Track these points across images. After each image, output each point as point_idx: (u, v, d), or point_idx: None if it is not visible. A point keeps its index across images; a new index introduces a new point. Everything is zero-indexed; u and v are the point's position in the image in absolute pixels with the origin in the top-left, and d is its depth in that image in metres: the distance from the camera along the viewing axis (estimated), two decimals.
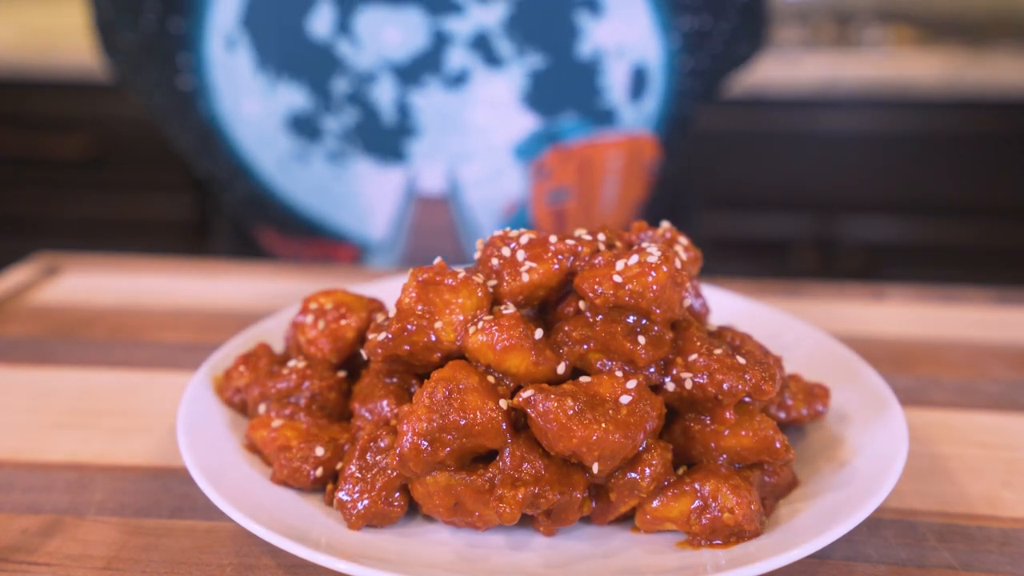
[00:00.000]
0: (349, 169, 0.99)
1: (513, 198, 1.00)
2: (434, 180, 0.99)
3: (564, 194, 1.01)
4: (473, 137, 0.97)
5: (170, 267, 1.03)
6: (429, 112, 0.95)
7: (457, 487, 0.51)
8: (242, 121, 0.99)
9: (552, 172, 0.99)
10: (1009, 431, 0.70)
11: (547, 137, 0.97)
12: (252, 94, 0.96)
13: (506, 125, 0.96)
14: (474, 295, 0.55)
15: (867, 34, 2.29)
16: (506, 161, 0.98)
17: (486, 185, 1.00)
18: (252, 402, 0.62)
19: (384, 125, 0.95)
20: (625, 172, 1.03)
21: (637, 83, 0.97)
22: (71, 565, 0.54)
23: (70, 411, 0.72)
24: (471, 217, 1.02)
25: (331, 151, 0.98)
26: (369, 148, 0.97)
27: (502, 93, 0.94)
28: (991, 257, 2.13)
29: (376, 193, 1.00)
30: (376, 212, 1.02)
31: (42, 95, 2.18)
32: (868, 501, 0.51)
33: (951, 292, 0.96)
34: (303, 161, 0.99)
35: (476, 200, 1.01)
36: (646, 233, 0.62)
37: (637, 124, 1.00)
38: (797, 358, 0.69)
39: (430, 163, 0.98)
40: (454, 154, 0.98)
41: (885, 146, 2.10)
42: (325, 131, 0.96)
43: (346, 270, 1.01)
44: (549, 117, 0.96)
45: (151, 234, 2.26)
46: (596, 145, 0.99)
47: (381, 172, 0.99)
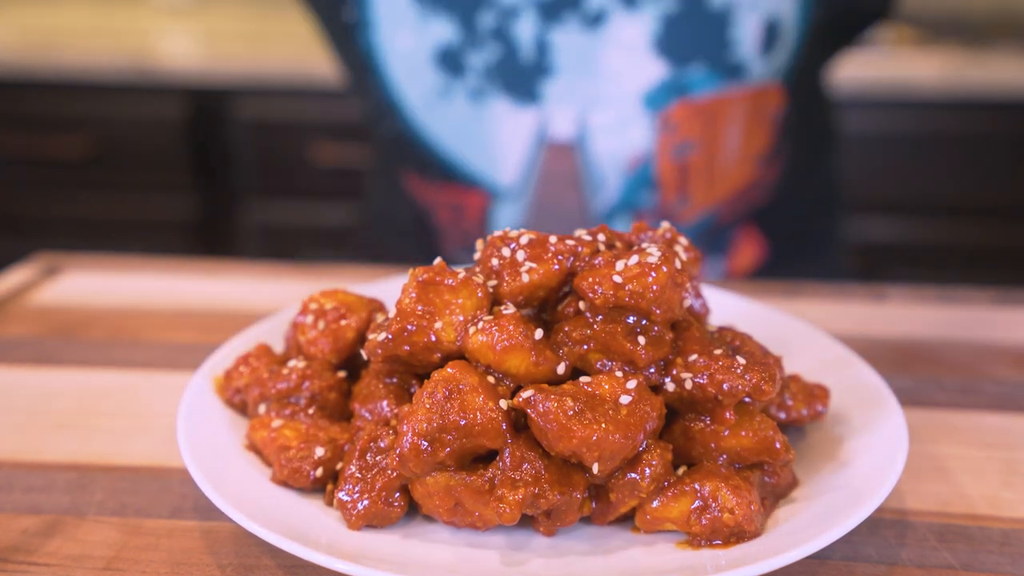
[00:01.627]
0: (487, 108, 1.02)
1: (639, 150, 1.02)
2: (564, 125, 1.02)
3: (689, 147, 1.02)
4: (605, 81, 0.99)
5: (170, 267, 1.03)
6: (566, 51, 0.98)
7: (457, 487, 0.51)
8: (395, 54, 1.03)
9: (678, 126, 1.01)
10: (1009, 431, 0.70)
11: (676, 88, 0.99)
12: (406, 27, 1.01)
13: (637, 71, 0.98)
14: (474, 295, 0.55)
15: (867, 34, 2.29)
16: (635, 110, 1.00)
17: (614, 134, 1.02)
18: (252, 402, 0.62)
19: (522, 62, 0.99)
20: (748, 122, 1.04)
21: (769, 36, 0.97)
22: (71, 565, 0.54)
23: (70, 411, 0.72)
24: (597, 167, 1.04)
25: (472, 88, 1.02)
26: (507, 86, 1.00)
27: (636, 36, 0.96)
28: (991, 257, 2.13)
29: (510, 135, 1.04)
30: (508, 156, 1.05)
31: (42, 95, 2.18)
32: (868, 501, 0.51)
33: (951, 292, 0.96)
34: (446, 98, 1.03)
35: (603, 149, 1.03)
36: (646, 233, 0.62)
37: (766, 76, 1.01)
38: (797, 358, 0.69)
39: (562, 106, 1.01)
40: (586, 98, 1.00)
41: (885, 146, 2.10)
42: (468, 67, 1.00)
43: (346, 270, 1.01)
44: (679, 67, 0.97)
45: (151, 234, 2.26)
46: (723, 99, 1.00)
47: (516, 112, 1.02)
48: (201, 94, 2.16)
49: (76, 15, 2.59)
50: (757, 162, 1.09)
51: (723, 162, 1.06)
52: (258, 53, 2.15)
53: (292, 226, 2.26)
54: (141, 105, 2.17)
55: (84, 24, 2.47)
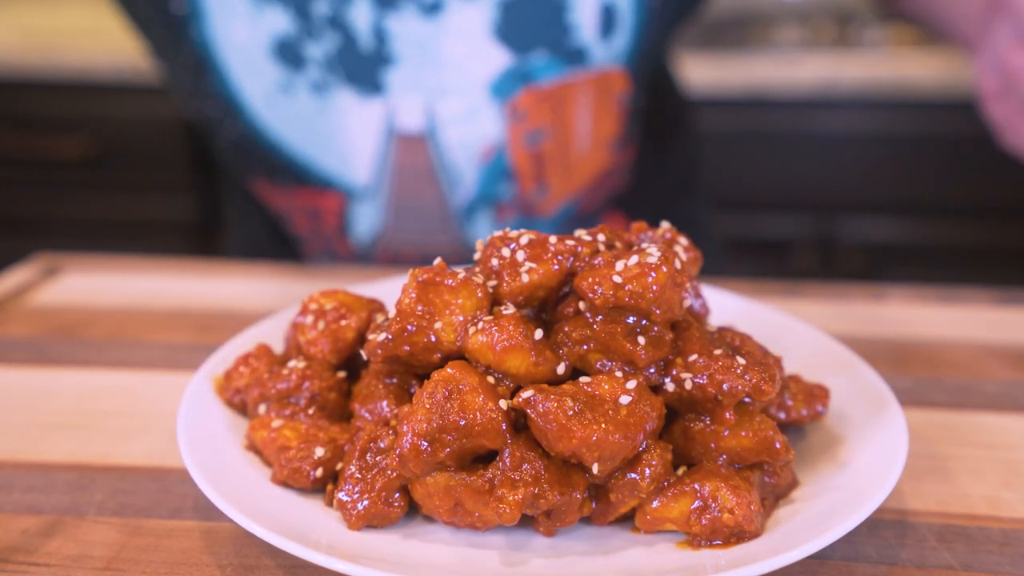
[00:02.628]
0: (331, 101, 1.00)
1: (491, 140, 1.01)
2: (413, 116, 1.00)
3: (540, 135, 1.01)
4: (449, 70, 0.98)
5: (170, 267, 1.03)
6: (405, 39, 0.96)
7: (457, 488, 0.52)
8: (232, 48, 1.00)
9: (527, 114, 1.00)
10: (1009, 431, 0.70)
11: (520, 76, 0.98)
12: (240, 17, 0.97)
13: (481, 59, 0.97)
14: (474, 296, 0.55)
15: (867, 34, 2.29)
16: (483, 99, 0.99)
17: (464, 124, 1.00)
18: (252, 402, 0.62)
19: (362, 52, 0.96)
20: (596, 107, 1.04)
21: (606, 20, 0.97)
22: (71, 566, 0.54)
23: (70, 411, 0.72)
24: (451, 159, 1.02)
25: (314, 81, 0.99)
26: (350, 77, 0.98)
27: (475, 24, 0.95)
28: (991, 257, 2.13)
29: (358, 129, 1.01)
30: (359, 152, 1.03)
31: (42, 95, 2.18)
32: (868, 501, 0.51)
33: (951, 292, 0.96)
34: (288, 93, 1.00)
35: (455, 139, 1.01)
36: (646, 233, 0.62)
37: (607, 60, 1.01)
38: (797, 358, 0.69)
39: (408, 96, 0.99)
40: (431, 88, 0.99)
41: (885, 146, 2.10)
42: (308, 59, 0.98)
43: (346, 270, 1.01)
44: (521, 54, 0.97)
45: (151, 234, 2.26)
46: (568, 84, 1.00)
47: (362, 104, 0.99)
48: None
49: (76, 15, 2.59)
50: (610, 147, 1.08)
51: (576, 149, 1.05)
52: None
53: None
54: (141, 105, 2.17)
55: (84, 24, 2.47)
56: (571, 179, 1.07)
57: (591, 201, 1.10)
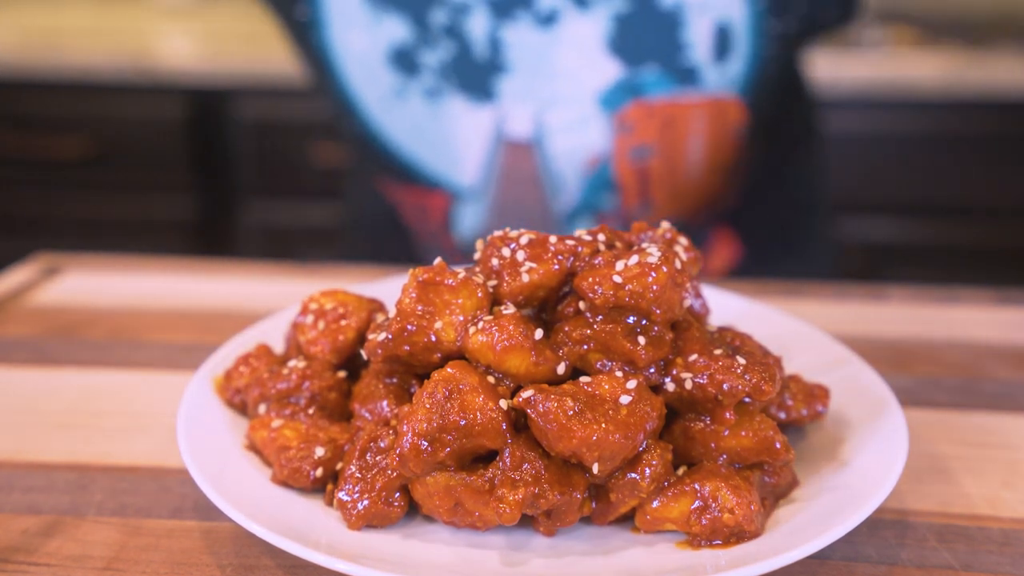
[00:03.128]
0: (443, 107, 1.02)
1: (596, 150, 1.02)
2: (522, 124, 1.02)
3: (647, 151, 1.01)
4: (560, 81, 0.99)
5: (170, 267, 1.03)
6: (519, 49, 0.98)
7: (457, 487, 0.51)
8: (350, 55, 1.03)
9: (634, 127, 1.00)
10: (1009, 431, 0.70)
11: (630, 89, 0.98)
12: (359, 26, 1.01)
13: (592, 71, 0.98)
14: (474, 295, 0.55)
15: (867, 34, 2.29)
16: (591, 110, 1.00)
17: (571, 133, 1.02)
18: (252, 402, 0.62)
19: (476, 60, 0.98)
20: (709, 134, 1.03)
21: (721, 42, 0.97)
22: (71, 565, 0.54)
23: (70, 411, 0.72)
24: (556, 167, 1.03)
25: (428, 87, 1.01)
26: (463, 84, 1.00)
27: (589, 35, 0.96)
28: (991, 257, 2.13)
29: (468, 134, 1.04)
30: (467, 156, 1.05)
31: (42, 95, 2.18)
32: (868, 501, 0.51)
33: (951, 292, 0.96)
34: (402, 98, 1.03)
35: (561, 148, 1.02)
36: (646, 233, 0.62)
37: (721, 87, 1.00)
38: (797, 358, 0.69)
39: (519, 105, 1.01)
40: (542, 98, 1.00)
41: (885, 146, 2.10)
42: (423, 66, 1.00)
43: (346, 270, 1.01)
44: (632, 67, 0.97)
45: (151, 234, 2.26)
46: (679, 104, 1.00)
47: (472, 111, 1.02)
48: (201, 94, 2.16)
49: (76, 15, 2.59)
50: (722, 174, 1.07)
51: (686, 172, 1.05)
52: (258, 53, 2.15)
53: (292, 226, 2.25)
54: (141, 105, 2.17)
55: (84, 24, 2.47)
56: (677, 200, 1.06)
57: (699, 219, 1.10)
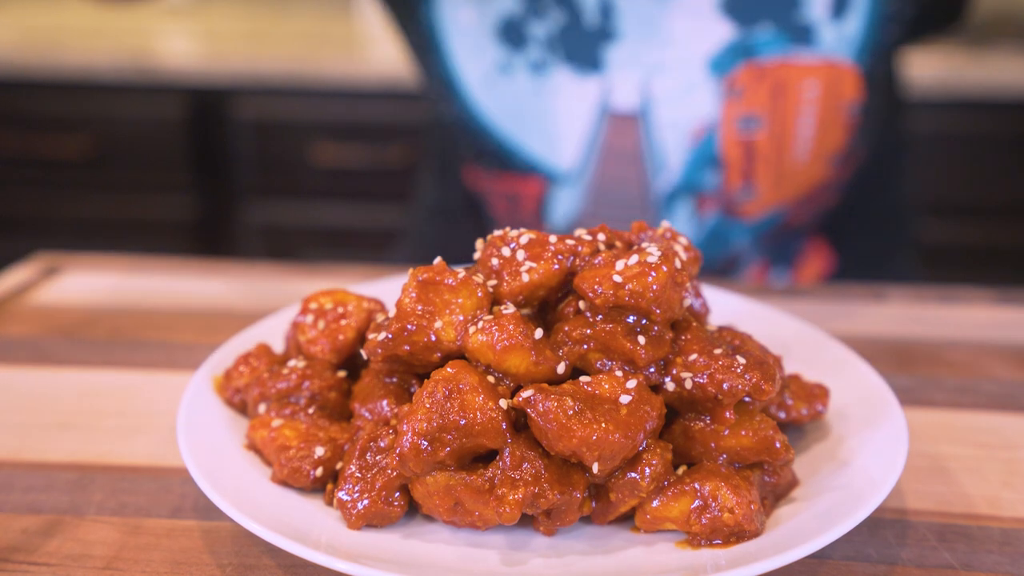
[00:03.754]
0: (548, 80, 1.01)
1: (703, 119, 1.00)
2: (628, 94, 1.00)
3: (755, 122, 0.99)
4: (669, 47, 0.97)
5: (170, 267, 1.03)
6: (630, 15, 0.96)
7: (457, 487, 0.51)
8: (458, 30, 1.02)
9: (744, 91, 0.98)
10: (1009, 431, 0.70)
11: (742, 50, 0.96)
12: (468, 1, 1.00)
13: (703, 34, 0.96)
14: (474, 295, 0.55)
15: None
16: (700, 75, 0.98)
17: (678, 101, 0.99)
18: (252, 402, 0.62)
19: (586, 28, 0.97)
20: (822, 106, 1.00)
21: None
22: (71, 565, 0.54)
23: (70, 411, 0.72)
24: (660, 139, 1.01)
25: (534, 61, 1.00)
26: (570, 55, 0.99)
27: None
28: (991, 257, 2.13)
29: (571, 110, 1.02)
30: (568, 134, 1.03)
31: (42, 95, 2.18)
32: (868, 501, 0.51)
33: (951, 292, 0.96)
34: (507, 73, 1.01)
35: (666, 119, 1.00)
36: (646, 233, 0.62)
37: (838, 48, 0.97)
38: (797, 358, 0.69)
39: (625, 74, 0.99)
40: (650, 65, 0.98)
41: None
42: (530, 38, 0.99)
43: (346, 270, 1.01)
44: (746, 27, 0.95)
45: (151, 234, 2.26)
46: (792, 65, 0.97)
47: (578, 83, 1.00)
48: (201, 94, 2.16)
49: (76, 15, 2.59)
50: (831, 160, 1.04)
51: (793, 151, 1.02)
52: (258, 53, 2.15)
53: (292, 226, 2.26)
54: (141, 105, 2.17)
55: (84, 24, 2.47)
56: (781, 185, 1.04)
57: (799, 215, 1.08)
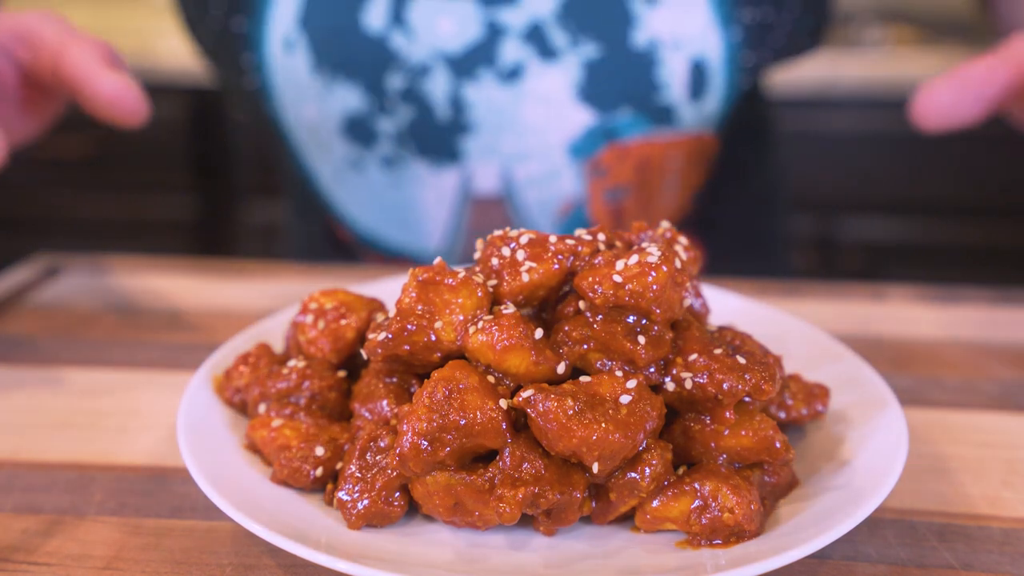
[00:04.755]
0: (404, 173, 0.98)
1: (569, 197, 0.99)
2: (488, 181, 0.98)
3: (622, 192, 0.98)
4: (528, 136, 0.95)
5: (170, 267, 1.03)
6: (483, 108, 0.94)
7: (457, 487, 0.52)
8: (302, 126, 0.99)
9: (609, 170, 0.97)
10: (1009, 431, 0.70)
11: (603, 134, 0.95)
12: (309, 97, 0.97)
13: (561, 122, 0.95)
14: (474, 295, 0.55)
15: (867, 34, 2.29)
16: (561, 160, 0.96)
17: (542, 185, 0.98)
18: (252, 402, 0.62)
19: (438, 122, 0.95)
20: (685, 168, 1.00)
21: (697, 80, 0.93)
22: (71, 565, 0.54)
23: (70, 411, 0.72)
24: (527, 217, 1.00)
25: (385, 156, 0.97)
26: (423, 149, 0.96)
27: (557, 87, 0.93)
28: (991, 257, 2.14)
29: (431, 198, 0.99)
30: (431, 220, 1.01)
31: None
32: (868, 501, 0.51)
33: (951, 292, 0.96)
34: (358, 169, 0.99)
35: (532, 200, 0.99)
36: (646, 233, 0.62)
37: (698, 124, 0.97)
38: (797, 358, 0.69)
39: (484, 163, 0.97)
40: (509, 154, 0.96)
41: (885, 146, 2.10)
42: (380, 134, 0.96)
43: (346, 270, 1.01)
44: (605, 113, 0.94)
45: (151, 234, 2.26)
46: (655, 144, 0.96)
47: (435, 174, 0.98)
48: (201, 94, 2.16)
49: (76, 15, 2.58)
50: (693, 196, 1.05)
51: (659, 201, 1.03)
52: None
53: None
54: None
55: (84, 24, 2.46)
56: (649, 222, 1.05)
57: None
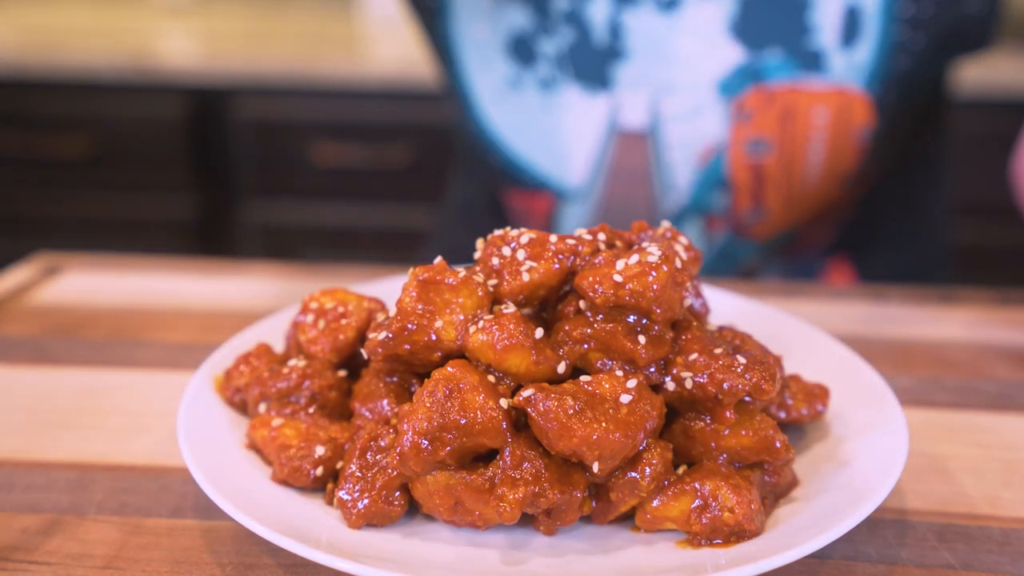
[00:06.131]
0: (557, 97, 1.00)
1: (712, 140, 0.99)
2: (636, 113, 0.99)
3: (764, 146, 0.97)
4: (679, 67, 0.96)
5: (170, 267, 1.03)
6: (639, 35, 0.96)
7: (457, 486, 0.52)
8: (471, 43, 1.02)
9: (753, 114, 0.97)
10: (1009, 431, 0.70)
11: (751, 73, 0.95)
12: (482, 15, 1.00)
13: (712, 56, 0.95)
14: (474, 294, 0.55)
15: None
16: (709, 96, 0.97)
17: (687, 121, 0.99)
18: (252, 401, 0.62)
19: (595, 46, 0.97)
20: (832, 132, 0.98)
21: (850, 25, 0.93)
22: (71, 564, 0.54)
23: (70, 411, 0.72)
24: (668, 159, 1.00)
25: (543, 78, 1.00)
26: (579, 73, 0.98)
27: (711, 19, 0.94)
28: (991, 257, 2.14)
29: (580, 127, 1.01)
30: (577, 152, 1.02)
31: (42, 95, 2.18)
32: (868, 501, 0.51)
33: (951, 292, 0.96)
34: (516, 89, 1.01)
35: (675, 138, 0.99)
36: (646, 232, 0.62)
37: (847, 75, 0.95)
38: (797, 358, 0.69)
39: (634, 93, 0.98)
40: (659, 84, 0.98)
41: None
42: (540, 54, 0.99)
43: (346, 270, 1.01)
44: (755, 51, 0.94)
45: (151, 234, 2.26)
46: (801, 91, 0.96)
47: (587, 100, 1.00)
48: (201, 94, 2.16)
49: (76, 15, 2.59)
50: (841, 183, 1.02)
51: (803, 175, 1.00)
52: (258, 53, 2.15)
53: (292, 226, 2.26)
54: (141, 105, 2.17)
55: (84, 24, 2.47)
56: (791, 207, 1.02)
57: (812, 234, 1.06)
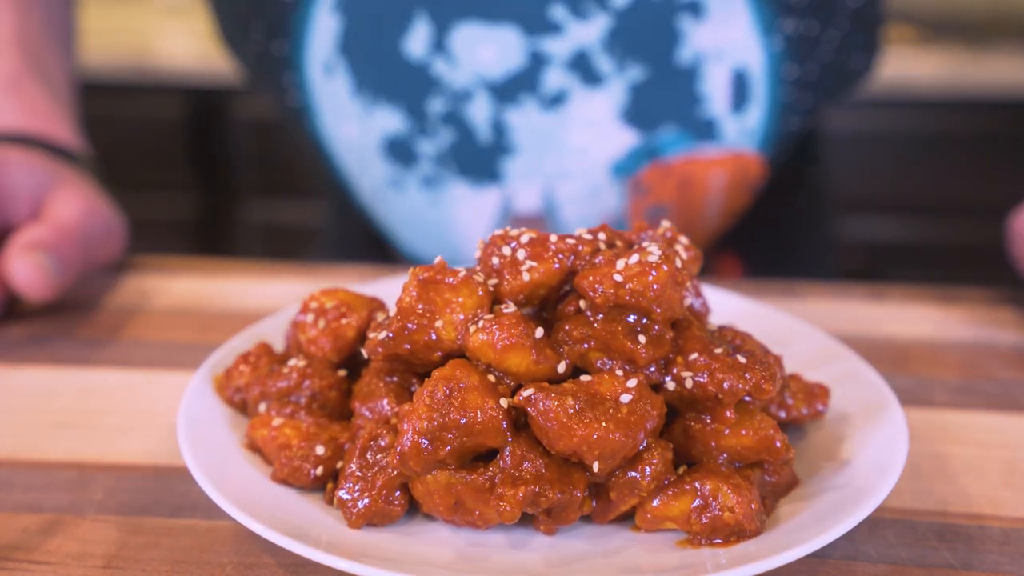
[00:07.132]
0: (444, 193, 0.98)
1: (610, 215, 0.98)
2: (529, 199, 0.97)
3: (662, 210, 0.97)
4: (570, 156, 0.95)
5: (170, 266, 1.03)
6: (525, 131, 0.93)
7: (457, 486, 0.52)
8: (343, 144, 1.00)
9: (650, 188, 0.96)
10: (1009, 431, 0.70)
11: (647, 153, 0.94)
12: (350, 118, 0.97)
13: (604, 143, 0.94)
14: (475, 294, 0.55)
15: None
16: (603, 179, 0.96)
17: (583, 203, 0.98)
18: (252, 401, 0.62)
19: (479, 144, 0.94)
20: (728, 190, 0.99)
21: (739, 90, 0.93)
22: (71, 564, 0.54)
23: (70, 410, 0.72)
24: None
25: (426, 176, 0.97)
26: (464, 170, 0.96)
27: (601, 111, 0.92)
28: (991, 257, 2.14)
29: (471, 217, 0.99)
30: (471, 239, 1.01)
31: None
32: (868, 501, 0.51)
33: (951, 292, 0.96)
34: (398, 188, 0.99)
35: (572, 218, 0.98)
36: (646, 232, 0.62)
37: (741, 140, 0.96)
38: (797, 358, 0.69)
39: (526, 183, 0.96)
40: (550, 173, 0.96)
41: (885, 146, 2.10)
42: (420, 155, 0.96)
43: (346, 270, 1.01)
44: (648, 132, 0.93)
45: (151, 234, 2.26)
46: (697, 161, 0.95)
47: (476, 194, 0.97)
48: (201, 94, 2.16)
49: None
50: (735, 217, 1.04)
51: (701, 223, 1.02)
52: None
53: (292, 226, 2.26)
54: (141, 105, 2.17)
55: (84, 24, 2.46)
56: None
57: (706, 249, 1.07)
